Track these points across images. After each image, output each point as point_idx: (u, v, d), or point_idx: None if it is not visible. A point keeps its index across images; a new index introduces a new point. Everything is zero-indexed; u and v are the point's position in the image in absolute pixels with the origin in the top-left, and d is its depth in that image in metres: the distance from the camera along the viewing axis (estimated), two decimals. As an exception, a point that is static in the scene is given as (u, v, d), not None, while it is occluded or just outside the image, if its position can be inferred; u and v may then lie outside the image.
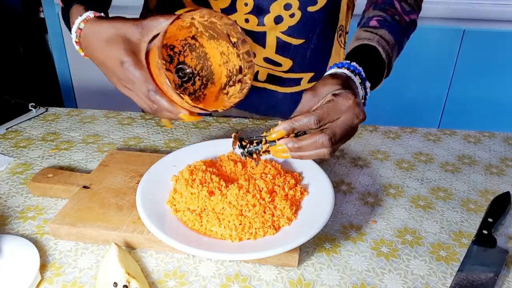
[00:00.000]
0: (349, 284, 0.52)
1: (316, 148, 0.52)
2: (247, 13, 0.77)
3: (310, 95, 0.54)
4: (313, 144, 0.51)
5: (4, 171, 0.72)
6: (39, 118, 0.90)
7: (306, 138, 0.52)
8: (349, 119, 0.52)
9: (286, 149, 0.53)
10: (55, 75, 1.99)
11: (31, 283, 0.50)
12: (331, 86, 0.54)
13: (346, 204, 0.66)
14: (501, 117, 1.83)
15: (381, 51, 0.65)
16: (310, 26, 0.79)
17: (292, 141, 0.52)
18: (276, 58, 0.81)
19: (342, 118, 0.52)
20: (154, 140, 0.82)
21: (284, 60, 0.82)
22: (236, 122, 0.89)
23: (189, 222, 0.56)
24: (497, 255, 0.56)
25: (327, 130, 0.51)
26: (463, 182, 0.72)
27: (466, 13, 1.66)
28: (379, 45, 0.66)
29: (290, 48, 0.80)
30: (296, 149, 0.52)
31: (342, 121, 0.52)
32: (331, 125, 0.52)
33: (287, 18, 0.76)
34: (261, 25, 0.77)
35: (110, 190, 0.64)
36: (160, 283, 0.52)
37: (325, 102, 0.53)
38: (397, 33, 0.70)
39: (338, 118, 0.52)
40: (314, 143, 0.51)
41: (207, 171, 0.62)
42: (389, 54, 0.67)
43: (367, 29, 0.69)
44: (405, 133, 0.87)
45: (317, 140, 0.51)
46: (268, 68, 0.83)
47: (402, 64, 1.74)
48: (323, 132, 0.51)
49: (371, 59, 0.64)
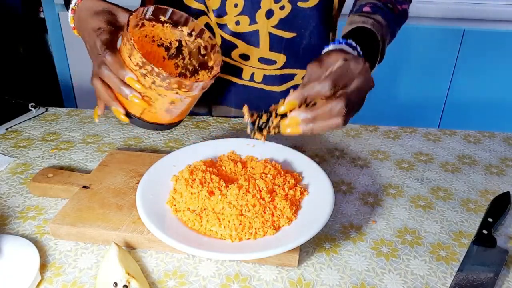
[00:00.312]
0: (349, 284, 0.52)
1: (330, 118, 0.48)
2: (237, 15, 0.77)
3: (316, 65, 0.52)
4: (328, 112, 0.48)
5: (4, 171, 0.72)
6: (39, 118, 0.90)
7: (321, 106, 0.48)
8: (362, 84, 0.49)
9: (299, 121, 0.49)
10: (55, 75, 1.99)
11: (31, 283, 0.50)
12: (336, 55, 0.52)
13: (346, 204, 0.66)
14: (501, 117, 1.83)
15: (376, 33, 0.64)
16: (302, 21, 0.79)
17: (306, 111, 0.48)
18: (270, 56, 0.82)
19: (356, 83, 0.49)
20: (154, 140, 0.82)
21: (277, 55, 0.82)
22: (236, 122, 0.89)
23: (189, 222, 0.56)
24: (497, 255, 0.56)
25: (341, 96, 0.48)
26: (463, 182, 0.72)
27: (466, 13, 1.66)
28: (373, 27, 0.65)
29: (282, 42, 0.80)
30: (310, 120, 0.49)
31: (356, 86, 0.49)
32: (345, 91, 0.48)
33: (278, 11, 0.77)
34: (253, 23, 0.77)
35: (110, 190, 0.64)
36: (160, 283, 0.52)
37: (336, 68, 0.49)
38: (390, 19, 0.70)
39: (351, 83, 0.49)
40: (329, 111, 0.48)
41: (207, 171, 0.62)
42: (383, 37, 0.66)
43: (360, 14, 0.68)
44: (405, 133, 0.87)
45: (333, 107, 0.47)
46: (263, 69, 0.83)
47: (402, 64, 1.76)
48: (337, 98, 0.47)
49: (366, 41, 0.62)
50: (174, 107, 0.60)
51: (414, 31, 1.69)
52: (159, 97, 0.58)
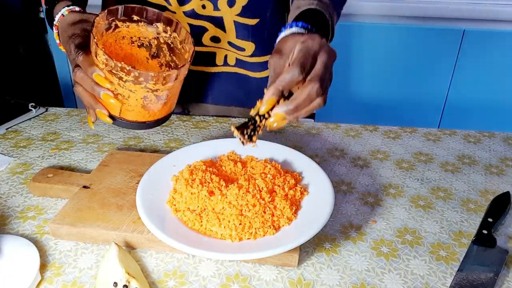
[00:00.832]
0: (349, 284, 0.52)
1: (311, 102, 0.50)
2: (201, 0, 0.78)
3: (276, 57, 0.53)
4: (308, 97, 0.50)
5: (4, 171, 0.73)
6: (39, 118, 0.90)
7: (298, 95, 0.50)
8: (326, 58, 0.51)
9: (283, 115, 0.51)
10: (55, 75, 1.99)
11: (31, 283, 0.50)
12: (292, 40, 0.53)
13: (346, 204, 0.66)
14: (501, 117, 1.83)
15: (324, 12, 0.65)
16: (262, 5, 0.80)
17: (287, 104, 0.51)
18: (239, 43, 0.83)
19: (321, 59, 0.51)
20: (154, 140, 0.82)
21: (246, 44, 0.83)
22: (236, 122, 0.89)
23: (189, 222, 0.56)
24: (497, 255, 0.56)
25: (313, 78, 0.50)
26: (463, 182, 0.72)
27: (466, 13, 1.66)
28: (320, 7, 0.66)
29: (248, 30, 0.81)
30: (293, 111, 0.51)
31: (322, 62, 0.51)
32: (314, 71, 0.50)
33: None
34: (217, 10, 0.78)
35: (110, 190, 0.64)
36: (160, 283, 0.52)
37: (296, 52, 0.51)
38: None
39: (317, 61, 0.51)
40: (308, 96, 0.50)
41: (207, 171, 0.62)
42: (331, 16, 0.67)
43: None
44: (405, 133, 0.87)
45: (310, 90, 0.50)
46: (234, 52, 0.84)
47: (402, 64, 1.75)
48: (311, 81, 0.50)
49: (316, 21, 0.63)
50: (149, 102, 0.60)
51: (414, 31, 1.69)
52: (130, 93, 0.58)
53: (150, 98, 0.59)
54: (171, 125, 0.87)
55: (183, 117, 0.91)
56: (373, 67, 1.74)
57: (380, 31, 1.69)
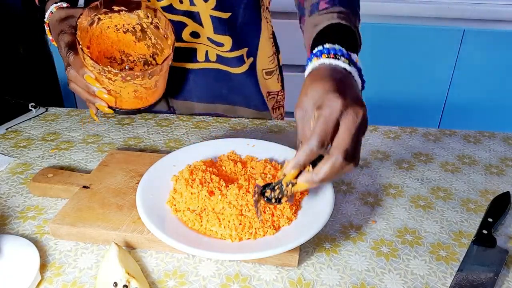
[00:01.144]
0: (349, 284, 0.52)
1: (336, 173, 0.48)
2: None
3: (299, 113, 0.50)
4: (331, 169, 0.47)
5: (4, 171, 0.73)
6: (39, 118, 0.90)
7: (322, 167, 0.48)
8: (350, 124, 0.46)
9: (306, 186, 0.50)
10: (55, 75, 1.99)
11: (31, 283, 0.50)
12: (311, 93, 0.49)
13: (346, 204, 0.66)
14: (501, 117, 1.83)
15: (344, 22, 0.60)
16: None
17: (311, 177, 0.49)
18: (217, 38, 0.83)
19: (343, 128, 0.47)
20: (154, 140, 0.82)
21: (223, 38, 0.83)
22: (235, 122, 0.89)
23: (189, 222, 0.56)
24: (497, 255, 0.56)
25: (335, 150, 0.47)
26: (463, 182, 0.72)
27: (466, 13, 1.66)
28: (341, 19, 0.60)
29: (224, 23, 0.82)
30: (317, 183, 0.49)
31: (344, 131, 0.46)
32: (337, 140, 0.47)
33: None
34: (193, 4, 0.79)
35: (110, 190, 0.64)
36: (160, 283, 0.52)
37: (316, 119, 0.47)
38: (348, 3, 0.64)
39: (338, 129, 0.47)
40: (331, 169, 0.47)
41: (207, 171, 0.62)
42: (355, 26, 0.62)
43: (319, 13, 0.63)
44: (405, 133, 0.87)
45: (333, 163, 0.47)
46: (214, 48, 0.85)
47: (402, 64, 1.76)
48: (333, 154, 0.47)
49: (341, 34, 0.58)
50: (140, 93, 0.65)
51: (414, 31, 1.69)
52: (121, 89, 0.63)
53: (140, 90, 0.64)
54: (171, 125, 0.87)
55: (183, 117, 0.91)
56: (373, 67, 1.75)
57: (380, 31, 1.69)
